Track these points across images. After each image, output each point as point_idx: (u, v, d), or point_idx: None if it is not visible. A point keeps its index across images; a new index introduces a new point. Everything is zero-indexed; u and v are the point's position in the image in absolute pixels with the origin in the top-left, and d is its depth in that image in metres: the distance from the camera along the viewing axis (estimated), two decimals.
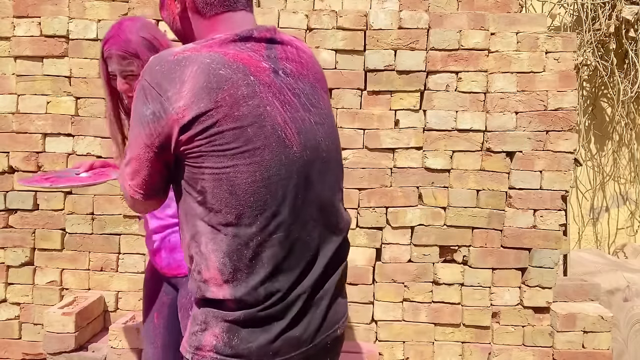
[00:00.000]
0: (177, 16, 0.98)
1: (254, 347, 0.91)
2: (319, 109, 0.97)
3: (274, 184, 0.89)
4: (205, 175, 0.87)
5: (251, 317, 0.91)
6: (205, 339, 0.93)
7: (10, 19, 2.13)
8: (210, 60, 0.86)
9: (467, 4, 2.20)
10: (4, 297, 2.16)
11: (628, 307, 2.53)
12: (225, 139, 0.85)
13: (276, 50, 0.94)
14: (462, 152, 2.12)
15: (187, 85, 0.84)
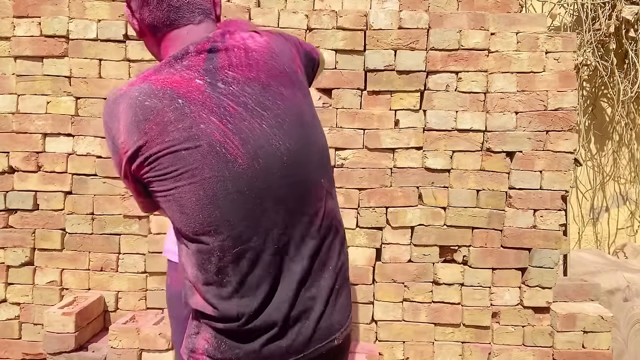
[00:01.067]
0: (148, 47, 1.02)
1: (241, 354, 0.92)
2: (274, 110, 0.92)
3: (221, 200, 0.88)
4: (158, 198, 0.91)
5: (232, 330, 0.92)
6: (198, 342, 0.95)
7: (10, 19, 2.13)
8: (138, 93, 0.88)
9: (467, 4, 2.20)
10: (4, 297, 2.16)
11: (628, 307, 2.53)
12: (163, 164, 0.87)
13: (218, 59, 0.91)
14: (462, 152, 2.12)
15: (121, 122, 0.88)
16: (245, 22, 1.03)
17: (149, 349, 1.97)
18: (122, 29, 2.10)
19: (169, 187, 0.88)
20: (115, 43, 2.11)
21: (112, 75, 2.12)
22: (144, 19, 0.94)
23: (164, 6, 0.92)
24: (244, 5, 2.12)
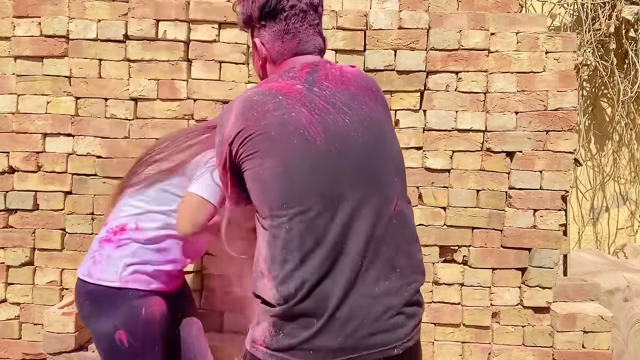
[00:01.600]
0: (260, 68, 1.24)
1: (295, 343, 0.98)
2: (358, 111, 1.09)
3: (297, 176, 1.01)
4: (247, 176, 1.06)
5: (289, 311, 0.98)
6: (257, 333, 1.04)
7: (10, 19, 2.13)
8: (250, 93, 1.10)
9: (467, 4, 2.20)
10: (4, 297, 2.16)
11: (628, 307, 2.53)
12: (255, 143, 1.04)
13: (317, 73, 1.12)
14: (462, 152, 2.12)
15: (232, 115, 1.09)
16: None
17: None
18: (122, 29, 2.10)
19: (256, 163, 1.03)
20: (115, 43, 2.11)
21: (112, 75, 2.12)
22: (275, 49, 1.18)
23: (295, 41, 1.17)
24: None
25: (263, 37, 1.19)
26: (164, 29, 2.11)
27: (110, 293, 1.44)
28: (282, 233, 0.99)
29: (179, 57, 2.11)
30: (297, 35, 1.17)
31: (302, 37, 1.17)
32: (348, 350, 0.97)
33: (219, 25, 2.11)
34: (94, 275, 1.46)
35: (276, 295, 1.00)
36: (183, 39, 2.11)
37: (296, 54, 1.18)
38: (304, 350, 0.97)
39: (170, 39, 2.11)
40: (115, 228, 1.49)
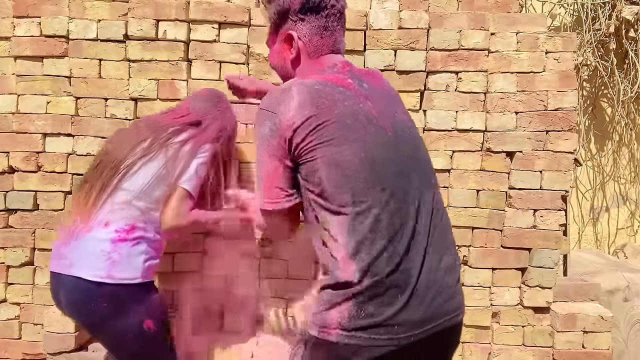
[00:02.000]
0: (289, 60, 1.26)
1: (379, 320, 1.03)
2: (398, 107, 1.22)
3: (377, 162, 1.08)
4: (319, 164, 1.07)
5: (377, 286, 1.03)
6: (331, 317, 1.06)
7: (10, 19, 2.13)
8: (308, 82, 1.13)
9: (467, 4, 2.20)
10: (4, 297, 2.16)
11: (628, 307, 2.53)
12: (330, 131, 1.07)
13: (356, 72, 1.22)
14: (462, 152, 2.12)
15: (294, 101, 1.09)
16: None
17: None
18: (122, 29, 2.10)
19: (334, 150, 1.06)
20: (115, 43, 2.11)
21: (112, 75, 2.12)
22: (313, 43, 1.23)
23: (332, 39, 1.24)
24: (244, 5, 2.12)
25: (300, 30, 1.22)
26: (164, 29, 2.11)
27: (133, 290, 1.52)
28: (370, 217, 1.05)
29: (179, 57, 2.11)
30: (334, 34, 1.24)
31: (337, 35, 1.25)
32: (427, 321, 1.06)
33: (219, 25, 2.11)
34: (115, 276, 1.49)
35: (361, 273, 1.04)
36: (183, 39, 2.11)
37: (332, 51, 1.24)
38: (387, 326, 1.03)
39: (170, 39, 2.11)
40: (126, 227, 1.54)
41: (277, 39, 1.27)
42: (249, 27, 2.13)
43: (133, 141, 1.61)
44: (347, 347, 1.03)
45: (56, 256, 1.57)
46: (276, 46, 1.28)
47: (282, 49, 1.26)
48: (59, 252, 1.56)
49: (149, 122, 1.71)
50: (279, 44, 1.27)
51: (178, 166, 1.60)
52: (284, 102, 1.10)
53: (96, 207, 1.54)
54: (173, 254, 2.09)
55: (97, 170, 1.59)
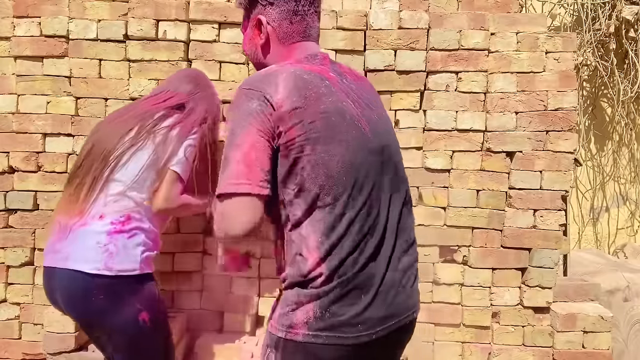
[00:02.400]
0: (259, 46, 1.21)
1: (344, 319, 1.05)
2: (377, 109, 1.19)
3: (358, 165, 1.07)
4: (304, 162, 1.03)
5: (342, 289, 1.05)
6: (297, 317, 1.06)
7: (10, 19, 2.13)
8: (293, 70, 1.09)
9: (467, 4, 2.20)
10: (4, 297, 2.16)
11: (628, 307, 2.53)
12: (317, 128, 1.04)
13: (337, 67, 1.21)
14: (462, 152, 2.12)
15: (281, 86, 1.04)
16: None
17: None
18: (122, 29, 2.10)
19: (321, 149, 1.03)
20: (115, 43, 2.11)
21: (112, 75, 2.12)
22: (282, 29, 1.18)
23: (303, 24, 1.20)
24: None
25: (269, 15, 1.18)
26: (164, 29, 2.11)
27: (130, 281, 1.50)
28: (344, 220, 1.05)
29: (179, 57, 2.11)
30: (305, 19, 1.20)
31: (309, 21, 1.21)
32: (388, 319, 1.09)
33: (219, 25, 2.11)
34: (113, 267, 1.47)
35: (329, 274, 1.05)
36: (183, 39, 2.11)
37: (304, 37, 1.21)
38: (352, 325, 1.05)
39: (170, 39, 2.11)
40: (121, 219, 1.52)
41: (249, 24, 1.23)
42: None
43: (120, 132, 1.58)
44: (313, 346, 1.05)
45: (50, 251, 1.53)
46: (247, 32, 1.25)
47: (253, 34, 1.22)
48: (54, 248, 1.53)
49: (132, 110, 1.67)
50: (250, 30, 1.23)
51: (167, 150, 1.58)
52: (270, 84, 1.05)
53: (89, 201, 1.52)
54: (173, 254, 2.09)
55: (85, 165, 1.56)
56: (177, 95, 1.71)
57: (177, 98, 1.70)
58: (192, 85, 1.76)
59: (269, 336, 1.12)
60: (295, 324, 1.06)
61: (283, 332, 1.08)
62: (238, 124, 1.03)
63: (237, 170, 1.00)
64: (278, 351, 1.09)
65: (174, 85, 1.76)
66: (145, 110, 1.64)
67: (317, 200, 1.04)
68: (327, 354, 1.05)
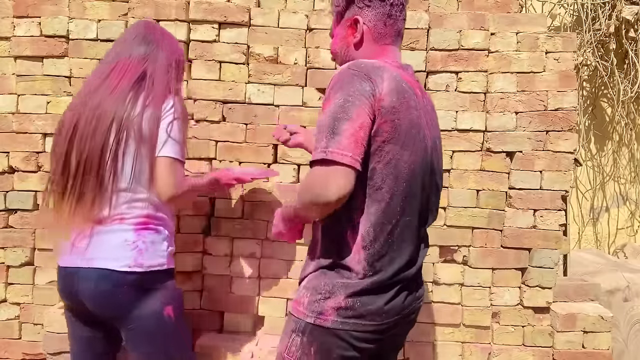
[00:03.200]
0: (352, 44, 1.30)
1: (372, 309, 1.18)
2: (437, 131, 1.36)
3: (418, 177, 1.20)
4: (383, 155, 1.14)
5: (375, 285, 1.17)
6: (328, 305, 1.17)
7: (10, 19, 2.13)
8: (396, 74, 1.19)
9: (467, 4, 2.20)
10: (4, 297, 2.16)
11: (628, 307, 2.53)
12: (401, 131, 1.14)
13: (418, 82, 1.33)
14: (462, 152, 2.12)
15: (386, 82, 1.14)
16: None
17: None
18: (122, 29, 2.10)
19: (398, 151, 1.15)
20: None
21: None
22: (377, 30, 1.28)
23: (395, 28, 1.30)
24: (244, 5, 2.12)
25: (365, 16, 1.28)
26: None
27: (158, 276, 1.52)
28: (394, 221, 1.17)
29: None
30: (397, 23, 1.30)
31: (400, 26, 1.31)
32: (406, 307, 1.23)
33: (219, 25, 2.11)
34: (144, 264, 1.48)
35: (367, 268, 1.17)
36: (183, 39, 2.11)
37: (394, 41, 1.31)
38: (378, 314, 1.17)
39: None
40: (142, 219, 1.51)
41: (341, 25, 1.32)
42: (249, 27, 2.13)
43: (101, 131, 1.47)
44: (340, 331, 1.16)
45: (71, 252, 1.49)
46: (340, 31, 1.33)
47: (347, 34, 1.31)
48: (75, 249, 1.48)
49: (101, 97, 1.50)
50: (343, 30, 1.32)
51: (148, 139, 1.47)
52: (377, 76, 1.14)
53: (102, 208, 1.48)
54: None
55: (77, 174, 1.48)
56: (134, 63, 1.54)
57: (134, 68, 1.53)
58: (144, 45, 1.58)
59: (294, 321, 1.22)
60: (325, 311, 1.17)
61: (312, 318, 1.18)
62: (352, 100, 1.10)
63: (347, 143, 1.08)
64: (305, 335, 1.19)
65: (127, 50, 1.57)
66: (114, 95, 1.50)
67: (378, 193, 1.15)
68: (350, 337, 1.17)
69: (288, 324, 1.25)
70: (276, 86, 2.11)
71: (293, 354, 1.21)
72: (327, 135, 1.08)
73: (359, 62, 1.18)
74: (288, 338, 1.22)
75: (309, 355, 1.18)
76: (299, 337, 1.20)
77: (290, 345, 1.21)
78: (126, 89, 1.51)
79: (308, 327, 1.18)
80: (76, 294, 1.49)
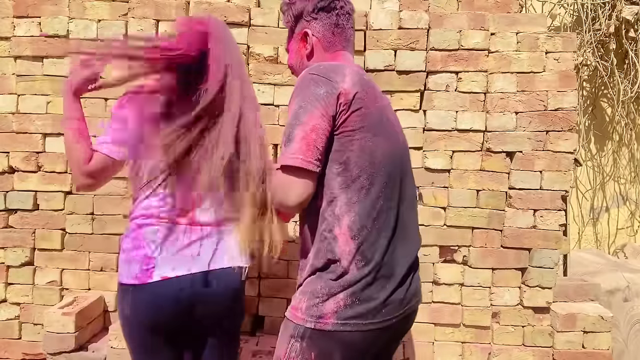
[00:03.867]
0: (305, 56, 1.35)
1: (372, 306, 1.16)
2: (400, 126, 1.36)
3: (394, 162, 1.22)
4: (354, 145, 1.16)
5: (372, 274, 1.16)
6: (327, 308, 1.15)
7: (10, 19, 2.13)
8: (357, 69, 1.25)
9: (467, 4, 2.19)
10: (4, 297, 2.16)
11: (628, 307, 2.53)
12: (370, 119, 1.18)
13: (374, 82, 1.35)
14: (462, 152, 2.12)
15: (348, 77, 1.18)
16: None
17: None
18: (122, 29, 2.10)
19: (370, 138, 1.17)
20: None
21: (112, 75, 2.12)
22: (326, 39, 1.34)
23: (343, 36, 1.36)
24: (244, 5, 2.12)
25: (314, 28, 1.34)
26: (164, 29, 2.11)
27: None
28: (378, 207, 1.17)
29: None
30: (345, 31, 1.36)
31: (348, 34, 1.38)
32: (406, 302, 1.22)
33: None
34: (246, 260, 1.44)
35: (359, 258, 1.16)
36: None
37: (345, 47, 1.36)
38: (377, 310, 1.16)
39: None
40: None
41: (294, 39, 1.39)
42: (249, 27, 2.13)
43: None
44: (341, 333, 1.14)
45: (186, 257, 1.35)
46: (293, 46, 1.39)
47: (299, 47, 1.37)
48: (191, 253, 1.35)
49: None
50: (295, 43, 1.38)
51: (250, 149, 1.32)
52: (337, 74, 1.18)
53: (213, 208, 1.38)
54: None
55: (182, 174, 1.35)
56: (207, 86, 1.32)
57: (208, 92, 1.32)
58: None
59: (292, 327, 1.19)
60: (325, 314, 1.15)
61: (312, 322, 1.16)
62: (304, 105, 1.16)
63: (298, 147, 1.13)
64: (304, 340, 1.17)
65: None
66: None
67: (357, 182, 1.16)
68: (351, 339, 1.16)
69: (285, 330, 1.22)
70: (276, 86, 2.11)
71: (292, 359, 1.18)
72: (284, 144, 1.16)
73: (319, 64, 1.23)
74: (287, 344, 1.20)
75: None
76: (298, 343, 1.18)
77: (290, 351, 1.19)
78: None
79: (307, 332, 1.16)
80: (192, 299, 1.34)
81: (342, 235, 1.16)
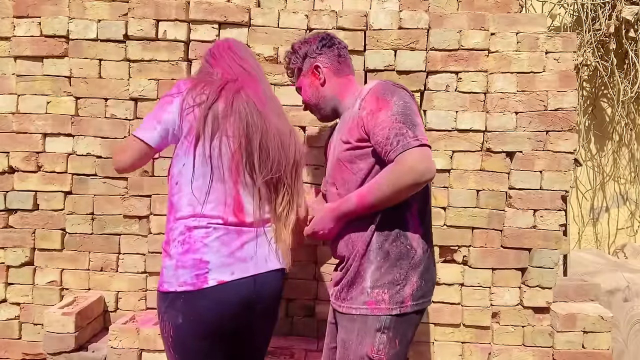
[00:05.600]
0: (319, 85, 1.54)
1: (430, 286, 1.40)
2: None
3: None
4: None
5: (432, 257, 1.43)
6: (406, 292, 1.32)
7: (10, 19, 2.13)
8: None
9: (467, 4, 2.19)
10: (4, 297, 2.16)
11: (628, 307, 2.53)
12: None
13: None
14: (462, 152, 2.12)
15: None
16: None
17: (149, 349, 1.97)
18: (122, 29, 2.10)
19: None
20: (115, 43, 2.11)
21: (112, 76, 2.12)
22: (334, 66, 1.54)
23: (347, 63, 1.58)
24: (244, 5, 2.12)
25: (321, 61, 1.54)
26: (164, 29, 2.11)
27: None
28: (428, 197, 1.47)
29: (179, 57, 2.11)
30: (347, 60, 1.59)
31: (349, 61, 1.60)
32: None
33: (219, 25, 2.11)
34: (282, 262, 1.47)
35: (425, 243, 1.39)
36: (183, 39, 2.11)
37: (351, 72, 1.60)
38: (432, 289, 1.40)
39: (170, 39, 2.11)
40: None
41: (304, 76, 1.56)
42: (249, 27, 2.13)
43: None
44: (414, 315, 1.32)
45: (240, 259, 1.34)
46: (304, 81, 1.56)
47: (311, 80, 1.55)
48: (245, 255, 1.35)
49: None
50: (307, 79, 1.55)
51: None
52: (407, 93, 1.41)
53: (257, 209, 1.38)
54: None
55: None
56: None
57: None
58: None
59: (376, 320, 1.30)
60: (405, 298, 1.32)
61: (397, 309, 1.30)
62: (407, 98, 1.37)
63: (422, 131, 1.32)
64: (390, 331, 1.30)
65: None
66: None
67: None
68: (418, 318, 1.36)
69: (365, 326, 1.31)
70: (276, 86, 2.11)
71: (382, 352, 1.30)
72: (409, 127, 1.29)
73: (389, 83, 1.43)
74: (372, 339, 1.29)
75: (394, 348, 1.31)
76: (384, 335, 1.30)
77: (378, 344, 1.30)
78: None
79: (392, 320, 1.30)
80: (251, 305, 1.35)
81: (414, 222, 1.37)
